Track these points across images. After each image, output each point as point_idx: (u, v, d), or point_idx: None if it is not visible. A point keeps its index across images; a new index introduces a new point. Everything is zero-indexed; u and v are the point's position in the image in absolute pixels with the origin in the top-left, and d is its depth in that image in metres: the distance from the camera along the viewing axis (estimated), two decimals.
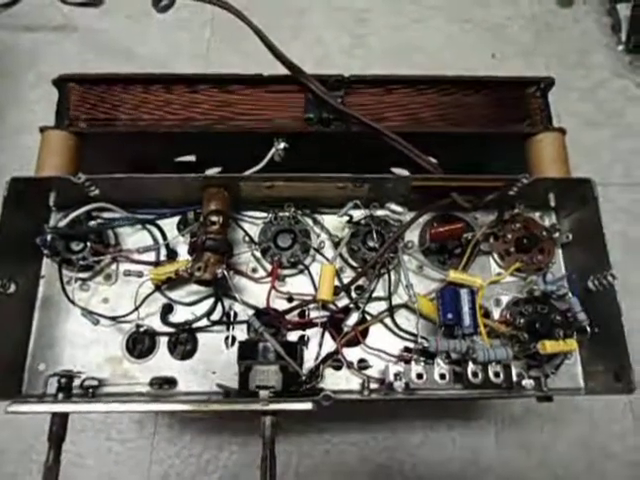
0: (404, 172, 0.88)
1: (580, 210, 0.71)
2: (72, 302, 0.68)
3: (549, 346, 0.62)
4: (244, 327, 0.70)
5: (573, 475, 1.02)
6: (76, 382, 0.65)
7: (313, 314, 0.71)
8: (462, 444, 1.01)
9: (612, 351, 0.63)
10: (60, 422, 0.60)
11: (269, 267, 0.72)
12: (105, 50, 1.38)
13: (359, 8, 1.45)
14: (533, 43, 1.42)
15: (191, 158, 0.91)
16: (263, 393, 0.58)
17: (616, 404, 1.06)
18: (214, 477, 0.98)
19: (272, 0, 1.45)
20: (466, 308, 0.65)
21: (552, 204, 0.72)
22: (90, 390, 0.64)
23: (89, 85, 0.74)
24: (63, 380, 0.62)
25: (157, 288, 0.70)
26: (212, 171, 0.90)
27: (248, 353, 0.62)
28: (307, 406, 0.57)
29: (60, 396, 0.61)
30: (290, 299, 0.71)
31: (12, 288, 0.65)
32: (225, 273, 0.64)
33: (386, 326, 0.71)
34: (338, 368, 0.69)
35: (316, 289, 0.70)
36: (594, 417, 1.05)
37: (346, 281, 0.70)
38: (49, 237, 0.68)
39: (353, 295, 0.71)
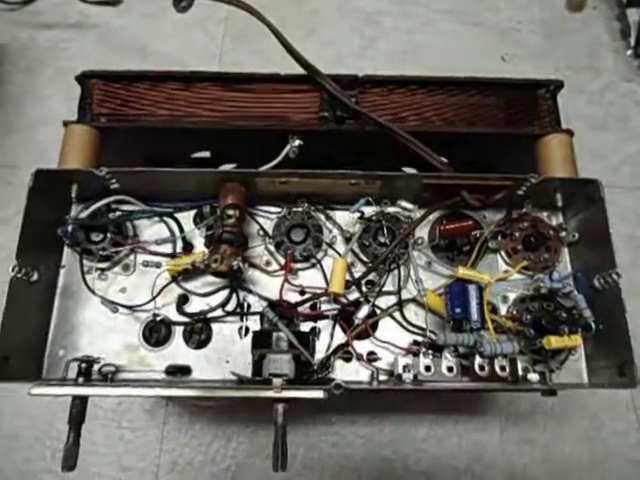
0: (414, 172, 0.90)
1: (587, 210, 0.72)
2: (92, 291, 0.70)
3: (554, 341, 0.64)
4: (257, 318, 0.72)
5: (577, 472, 1.03)
6: (94, 368, 0.68)
7: (324, 307, 0.72)
8: (467, 439, 1.02)
9: (616, 347, 0.65)
10: (80, 405, 0.62)
11: (282, 260, 0.74)
12: (121, 47, 1.41)
13: (370, 10, 1.47)
14: (543, 47, 1.43)
15: (206, 154, 0.93)
16: (276, 381, 0.60)
17: (619, 402, 1.07)
18: (222, 466, 1.00)
19: (285, 1, 1.47)
20: (474, 303, 0.67)
21: (559, 204, 0.73)
22: (109, 375, 0.67)
23: (111, 81, 0.76)
24: (84, 365, 0.64)
25: (173, 279, 0.72)
26: (227, 167, 0.92)
27: (262, 342, 0.64)
28: (319, 394, 0.58)
29: (80, 380, 0.64)
30: (302, 292, 0.73)
31: (35, 276, 0.68)
32: (240, 265, 0.66)
33: (395, 320, 0.72)
34: (348, 360, 0.71)
35: (327, 283, 0.72)
36: (598, 415, 1.06)
37: (357, 275, 0.72)
38: (70, 228, 0.70)
39: (363, 289, 0.73)
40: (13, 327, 0.63)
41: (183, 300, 0.73)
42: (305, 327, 0.71)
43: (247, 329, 0.72)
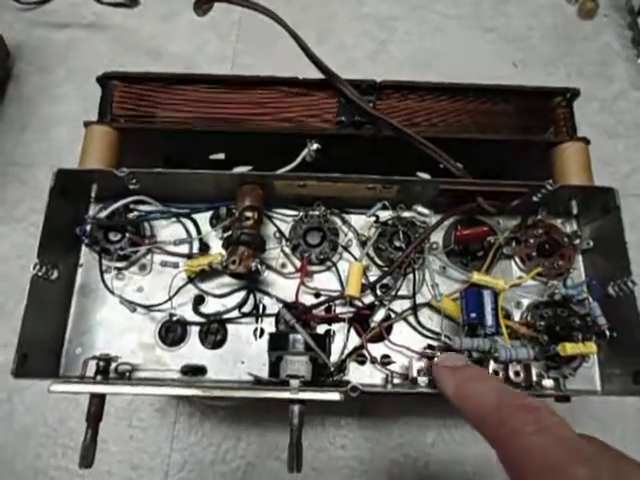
0: (427, 176, 0.91)
1: (601, 218, 0.73)
2: (111, 291, 0.71)
3: (569, 348, 0.64)
4: (272, 320, 0.73)
5: None
6: (111, 366, 0.68)
7: (339, 309, 0.73)
8: (476, 444, 1.02)
9: (631, 355, 0.65)
10: (98, 403, 0.62)
11: (297, 263, 0.74)
12: (134, 48, 1.42)
13: (383, 16, 1.48)
14: (554, 53, 1.44)
15: (220, 156, 0.94)
16: (293, 382, 0.61)
17: (628, 407, 1.07)
18: (232, 466, 1.00)
19: (298, 5, 1.48)
20: (489, 309, 0.67)
21: (574, 211, 0.74)
22: (127, 374, 0.67)
23: (132, 82, 0.77)
24: (102, 363, 0.65)
25: (190, 280, 0.73)
26: (242, 169, 0.93)
27: (279, 344, 0.64)
28: (335, 396, 0.59)
29: (99, 378, 0.64)
30: (317, 294, 0.74)
31: (55, 274, 0.68)
32: (258, 267, 0.67)
33: (409, 324, 0.73)
34: (362, 363, 0.72)
35: (342, 285, 0.73)
36: (607, 420, 1.06)
37: (371, 279, 0.73)
38: (88, 227, 0.71)
39: (378, 293, 0.73)
40: (33, 325, 0.64)
41: (199, 300, 0.74)
42: (319, 329, 0.72)
43: (262, 330, 0.73)
